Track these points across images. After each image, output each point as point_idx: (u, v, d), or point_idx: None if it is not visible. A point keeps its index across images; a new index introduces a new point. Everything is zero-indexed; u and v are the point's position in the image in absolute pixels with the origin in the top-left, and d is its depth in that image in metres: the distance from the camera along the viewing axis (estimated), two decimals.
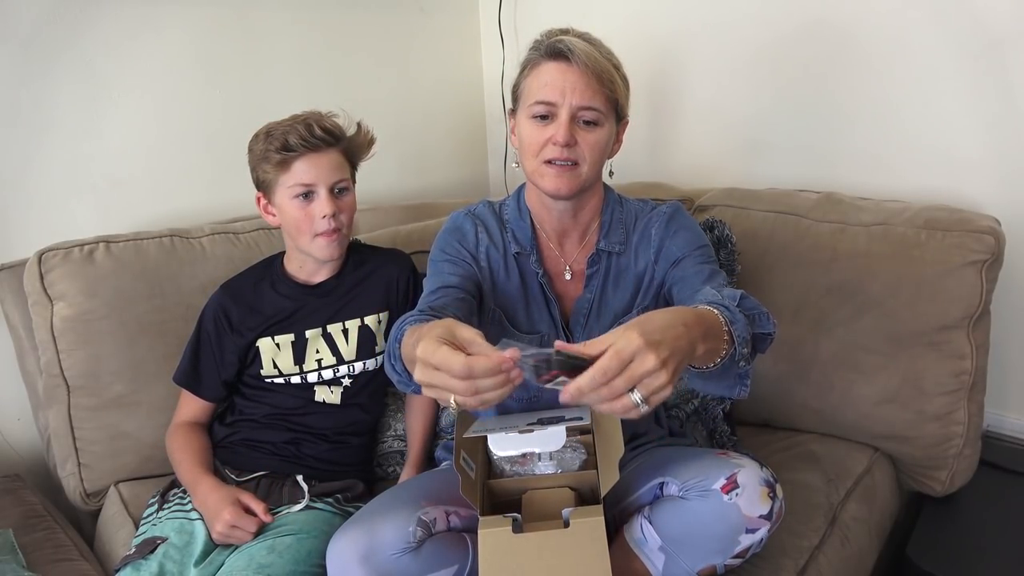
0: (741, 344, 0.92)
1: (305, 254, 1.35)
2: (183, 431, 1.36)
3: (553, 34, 1.15)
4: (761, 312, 1.01)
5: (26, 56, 1.42)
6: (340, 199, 1.33)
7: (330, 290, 1.39)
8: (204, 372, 1.36)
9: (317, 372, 1.37)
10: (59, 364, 1.35)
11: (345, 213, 1.33)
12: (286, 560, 1.13)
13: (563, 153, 1.12)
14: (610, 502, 1.10)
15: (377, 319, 1.40)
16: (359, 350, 1.39)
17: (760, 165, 1.79)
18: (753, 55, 1.74)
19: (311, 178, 1.29)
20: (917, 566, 1.32)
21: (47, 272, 1.35)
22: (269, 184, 1.31)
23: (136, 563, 1.15)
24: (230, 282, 1.40)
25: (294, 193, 1.29)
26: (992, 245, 1.33)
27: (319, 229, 1.30)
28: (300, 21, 1.78)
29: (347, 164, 1.35)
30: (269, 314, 1.36)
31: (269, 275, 1.41)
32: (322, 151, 1.30)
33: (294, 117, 1.32)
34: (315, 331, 1.37)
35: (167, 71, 1.59)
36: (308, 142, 1.28)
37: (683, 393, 1.54)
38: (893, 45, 1.54)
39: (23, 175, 1.46)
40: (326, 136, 1.30)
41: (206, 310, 1.37)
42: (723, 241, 1.52)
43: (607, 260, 1.23)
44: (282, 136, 1.27)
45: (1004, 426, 1.60)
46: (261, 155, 1.29)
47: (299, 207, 1.30)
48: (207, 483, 1.25)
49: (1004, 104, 1.45)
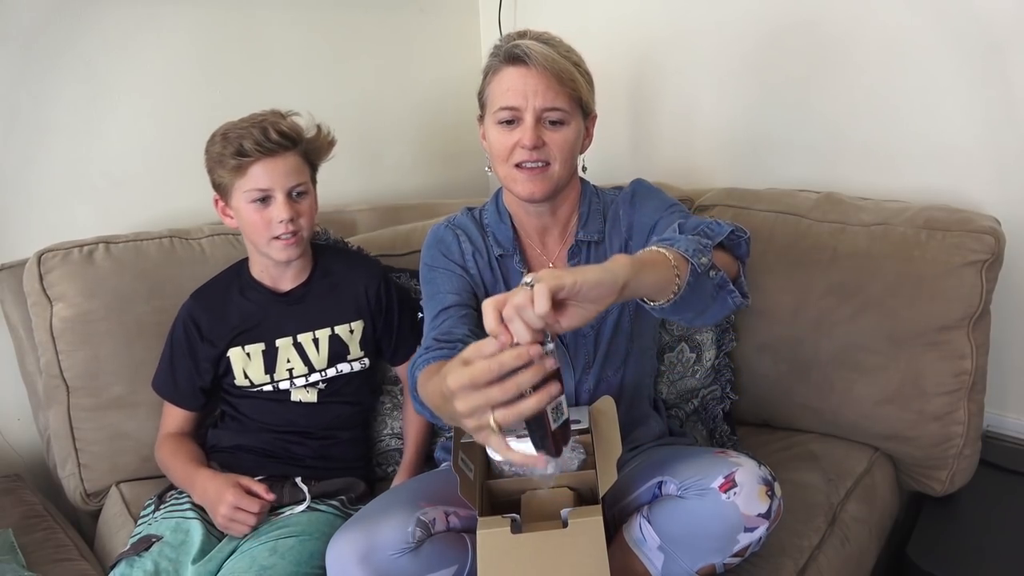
0: (695, 255, 0.89)
1: (264, 255, 1.34)
2: (170, 440, 1.36)
3: (511, 38, 1.16)
4: (707, 223, 0.99)
5: (26, 56, 1.43)
6: (298, 202, 1.30)
7: (299, 299, 1.38)
8: (181, 381, 1.36)
9: (289, 380, 1.36)
10: (58, 365, 1.35)
11: (304, 217, 1.31)
12: (288, 561, 1.13)
13: (532, 155, 1.13)
14: (609, 502, 1.10)
15: (348, 329, 1.39)
16: (331, 358, 1.38)
17: (760, 165, 1.79)
18: (753, 55, 1.74)
19: (267, 183, 1.26)
20: (917, 566, 1.32)
21: (46, 273, 1.35)
22: (225, 188, 1.29)
23: (131, 559, 1.16)
24: (200, 290, 1.39)
25: (250, 198, 1.27)
26: (992, 245, 1.33)
27: (276, 233, 1.28)
28: (300, 21, 1.78)
29: (306, 166, 1.32)
30: (236, 323, 1.35)
31: (238, 280, 1.39)
32: (279, 155, 1.27)
33: (252, 118, 1.29)
34: (285, 340, 1.36)
35: (167, 71, 1.59)
36: (263, 147, 1.25)
37: (683, 393, 1.54)
38: (893, 44, 1.54)
39: (23, 175, 1.46)
40: (282, 140, 1.27)
41: (177, 319, 1.37)
42: None
43: (587, 250, 1.24)
44: (237, 140, 1.24)
45: (1004, 426, 1.60)
46: (217, 159, 1.27)
47: (256, 211, 1.27)
48: (203, 474, 1.26)
49: (1004, 104, 1.45)
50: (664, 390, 1.54)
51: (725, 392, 1.54)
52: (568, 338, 1.23)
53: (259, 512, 1.20)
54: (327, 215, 1.61)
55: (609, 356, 1.25)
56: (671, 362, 1.54)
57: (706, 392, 1.54)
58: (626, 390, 1.27)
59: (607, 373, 1.26)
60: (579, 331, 1.23)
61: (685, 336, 1.54)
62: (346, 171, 1.91)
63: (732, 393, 1.55)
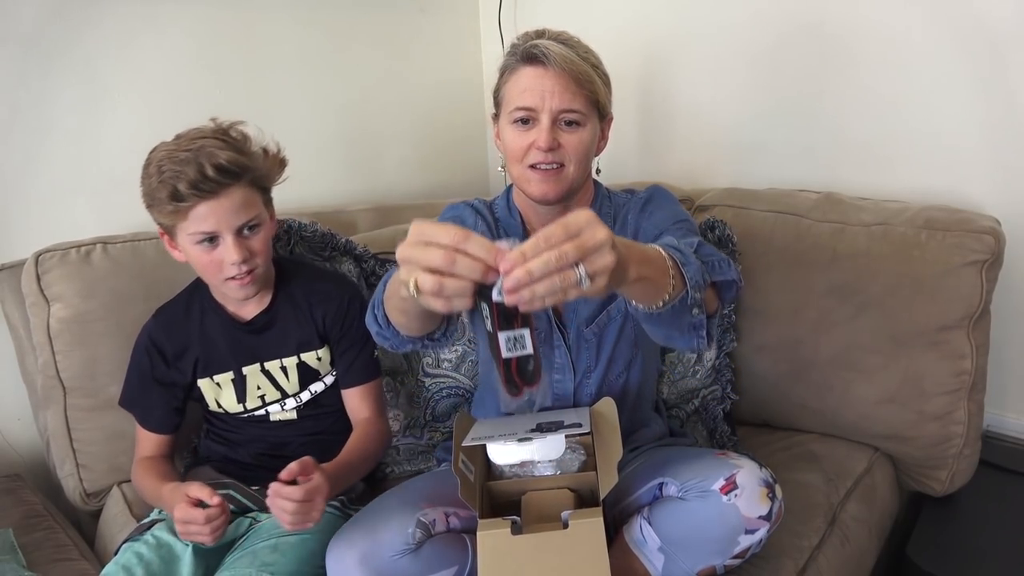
0: (694, 288, 0.89)
1: (222, 292, 1.26)
2: (143, 464, 1.29)
3: (529, 37, 1.14)
4: (720, 259, 0.99)
5: (26, 56, 1.42)
6: (250, 238, 1.18)
7: (263, 327, 1.30)
8: (152, 405, 1.30)
9: (263, 408, 1.31)
10: (55, 365, 1.35)
11: (259, 254, 1.20)
12: (289, 559, 1.12)
13: (547, 157, 1.12)
14: (609, 503, 1.11)
15: (315, 356, 1.32)
16: (302, 383, 1.32)
17: (760, 165, 1.78)
18: (753, 55, 1.74)
19: (211, 226, 1.14)
20: (917, 566, 1.32)
21: (44, 273, 1.34)
22: (167, 227, 1.18)
23: (137, 538, 1.17)
24: (161, 313, 1.31)
25: (196, 240, 1.16)
26: (992, 245, 1.33)
27: (229, 275, 1.18)
28: (300, 21, 1.78)
29: (256, 194, 1.20)
30: (199, 351, 1.29)
31: (199, 302, 1.31)
32: (221, 193, 1.13)
33: (189, 141, 1.14)
34: (253, 367, 1.30)
35: (167, 72, 1.59)
36: (200, 189, 1.11)
37: (683, 393, 1.54)
38: (894, 45, 1.54)
39: (23, 175, 1.46)
40: (222, 178, 1.12)
41: (140, 343, 1.30)
42: (724, 241, 1.52)
43: None
44: (171, 183, 1.11)
45: (1004, 426, 1.60)
46: (152, 198, 1.15)
47: (204, 252, 1.17)
48: (166, 489, 1.16)
49: (1004, 104, 1.45)
50: (665, 390, 1.54)
51: (726, 392, 1.54)
52: (571, 342, 1.23)
53: (206, 520, 1.06)
54: (327, 215, 1.61)
55: (613, 361, 1.25)
56: (672, 362, 1.54)
57: (707, 392, 1.54)
58: (629, 394, 1.27)
59: (610, 377, 1.25)
60: (581, 335, 1.23)
61: None
62: (346, 171, 1.92)
63: (732, 393, 1.55)
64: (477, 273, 0.68)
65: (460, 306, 0.71)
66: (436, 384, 1.51)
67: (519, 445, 1.01)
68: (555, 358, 1.24)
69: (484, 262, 0.68)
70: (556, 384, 1.25)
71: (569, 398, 1.25)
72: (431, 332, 1.03)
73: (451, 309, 0.72)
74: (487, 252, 0.68)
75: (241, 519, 1.24)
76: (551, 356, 1.24)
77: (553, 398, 1.26)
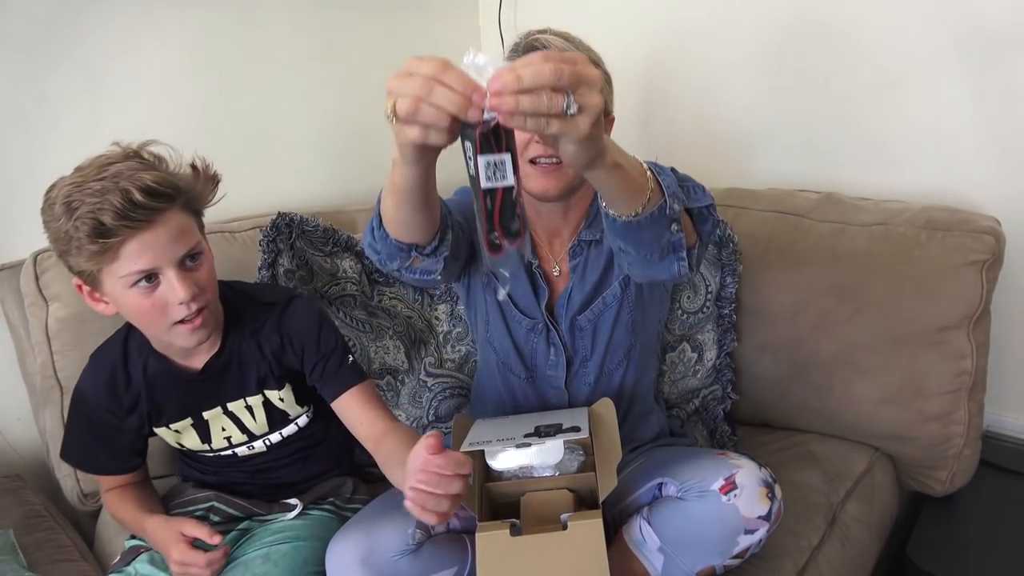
0: (671, 197, 0.88)
1: (165, 342, 1.08)
2: (115, 494, 1.19)
3: (531, 34, 1.14)
4: (695, 184, 0.98)
5: (26, 56, 1.42)
6: (195, 269, 1.02)
7: (217, 371, 1.14)
8: (104, 458, 1.17)
9: (230, 449, 1.20)
10: (53, 365, 1.35)
11: (208, 289, 1.04)
12: (282, 569, 1.10)
13: (547, 151, 1.11)
14: (609, 503, 1.11)
15: (278, 396, 1.18)
16: (271, 423, 1.20)
17: (760, 165, 1.78)
18: (753, 55, 1.74)
19: (149, 262, 0.96)
20: (917, 566, 1.32)
21: (42, 273, 1.34)
22: (90, 274, 0.98)
23: (120, 570, 1.14)
24: (96, 365, 1.15)
25: (131, 282, 0.97)
26: (992, 245, 1.32)
27: (176, 317, 1.00)
28: (299, 21, 1.78)
29: (191, 220, 1.03)
30: (148, 407, 1.13)
31: (138, 354, 1.13)
32: (155, 222, 0.96)
33: (99, 169, 0.96)
34: (214, 411, 1.16)
35: (167, 72, 1.59)
36: (131, 219, 0.93)
37: (684, 393, 1.54)
38: (894, 45, 1.54)
39: (23, 175, 1.46)
40: (154, 202, 0.95)
41: (77, 400, 1.15)
42: (725, 241, 1.52)
43: (588, 249, 1.23)
44: (92, 219, 0.92)
45: (1004, 426, 1.60)
46: (66, 240, 0.94)
47: (142, 295, 0.98)
48: (152, 524, 1.10)
49: (1005, 104, 1.45)
50: (665, 390, 1.54)
51: (726, 392, 1.54)
52: (564, 330, 1.23)
53: (207, 564, 1.03)
54: (327, 215, 1.61)
55: (611, 350, 1.24)
56: (672, 362, 1.54)
57: (707, 392, 1.54)
58: (627, 385, 1.27)
59: (609, 366, 1.25)
60: (576, 324, 1.23)
61: (687, 336, 1.54)
62: (346, 171, 1.92)
63: (733, 393, 1.55)
64: (452, 104, 0.66)
65: (436, 139, 0.69)
66: (439, 384, 1.51)
67: (517, 451, 1.02)
68: (550, 355, 1.24)
69: (461, 94, 0.66)
70: (552, 378, 1.25)
71: (565, 390, 1.25)
72: (420, 243, 0.99)
73: (426, 140, 0.69)
74: (464, 85, 0.66)
75: (232, 533, 1.20)
76: (545, 350, 1.23)
77: (550, 390, 1.25)
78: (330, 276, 1.47)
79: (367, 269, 1.51)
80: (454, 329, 1.54)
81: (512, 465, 1.03)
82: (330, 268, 1.48)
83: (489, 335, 1.26)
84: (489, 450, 1.03)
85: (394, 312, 1.52)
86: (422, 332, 1.53)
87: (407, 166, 0.79)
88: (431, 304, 1.54)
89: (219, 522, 1.21)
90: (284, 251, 1.43)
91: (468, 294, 1.29)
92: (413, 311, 1.53)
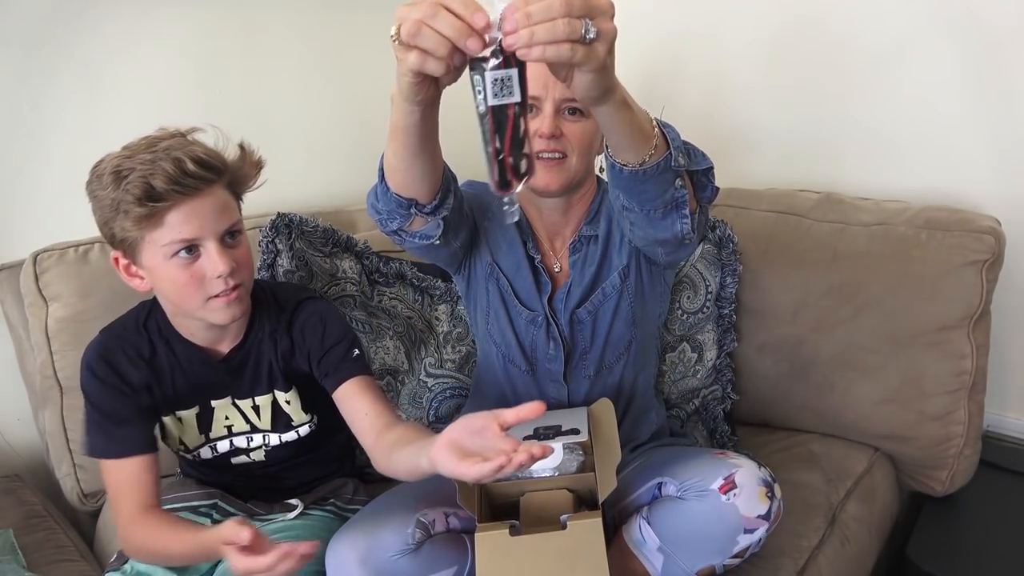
0: (676, 151, 0.89)
1: (197, 320, 1.07)
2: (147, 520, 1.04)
3: None
4: (695, 148, 0.97)
5: (26, 56, 1.42)
6: (234, 247, 1.03)
7: (241, 363, 1.14)
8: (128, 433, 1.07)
9: (228, 439, 1.17)
10: (52, 365, 1.35)
11: (243, 265, 1.04)
12: None
13: (550, 145, 1.11)
14: (608, 503, 1.10)
15: (285, 399, 1.17)
16: (274, 424, 1.19)
17: (760, 165, 1.78)
18: (754, 56, 1.74)
19: (193, 231, 0.98)
20: (917, 566, 1.32)
21: (42, 273, 1.35)
22: (132, 243, 0.99)
23: (117, 569, 1.13)
24: (111, 337, 1.12)
25: (172, 251, 0.98)
26: (992, 245, 1.33)
27: (213, 291, 1.01)
28: (299, 22, 1.77)
29: (232, 200, 1.05)
30: (163, 392, 1.11)
31: (159, 335, 1.11)
32: (202, 193, 0.98)
33: (149, 145, 0.99)
34: (223, 401, 1.16)
35: (166, 71, 1.59)
36: (181, 185, 0.95)
37: (684, 393, 1.54)
38: (894, 45, 1.54)
39: (22, 175, 1.46)
40: (204, 172, 0.98)
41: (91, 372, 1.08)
42: (725, 241, 1.52)
43: (588, 245, 1.23)
44: (142, 181, 0.94)
45: (1004, 426, 1.60)
46: (114, 206, 0.96)
47: (181, 267, 0.99)
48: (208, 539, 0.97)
49: (1005, 104, 1.45)
50: (665, 390, 1.54)
51: (726, 392, 1.54)
52: (563, 324, 1.23)
53: (269, 552, 0.90)
54: (327, 215, 1.60)
55: (610, 343, 1.24)
56: (672, 362, 1.54)
57: (707, 392, 1.54)
58: (627, 380, 1.27)
59: (608, 360, 1.25)
60: (575, 317, 1.23)
61: (687, 336, 1.54)
62: (346, 171, 1.91)
63: (733, 393, 1.55)
64: (452, 29, 0.65)
65: (433, 68, 0.69)
66: (439, 384, 1.51)
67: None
68: (549, 348, 1.24)
69: (463, 19, 0.65)
70: (551, 371, 1.25)
71: (564, 383, 1.25)
72: (420, 200, 0.98)
73: (423, 67, 0.69)
74: (466, 8, 0.65)
75: None
76: (544, 343, 1.24)
77: (549, 383, 1.25)
78: (330, 276, 1.47)
79: (367, 269, 1.51)
80: (454, 329, 1.54)
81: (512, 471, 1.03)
82: (330, 268, 1.47)
83: (490, 327, 1.26)
84: None
85: (394, 312, 1.51)
86: (422, 332, 1.53)
87: (405, 102, 0.79)
88: (431, 304, 1.54)
89: (221, 520, 1.21)
90: (283, 251, 1.43)
91: (468, 288, 1.29)
92: (413, 311, 1.52)
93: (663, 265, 1.22)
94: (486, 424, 0.82)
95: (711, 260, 1.52)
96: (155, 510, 1.06)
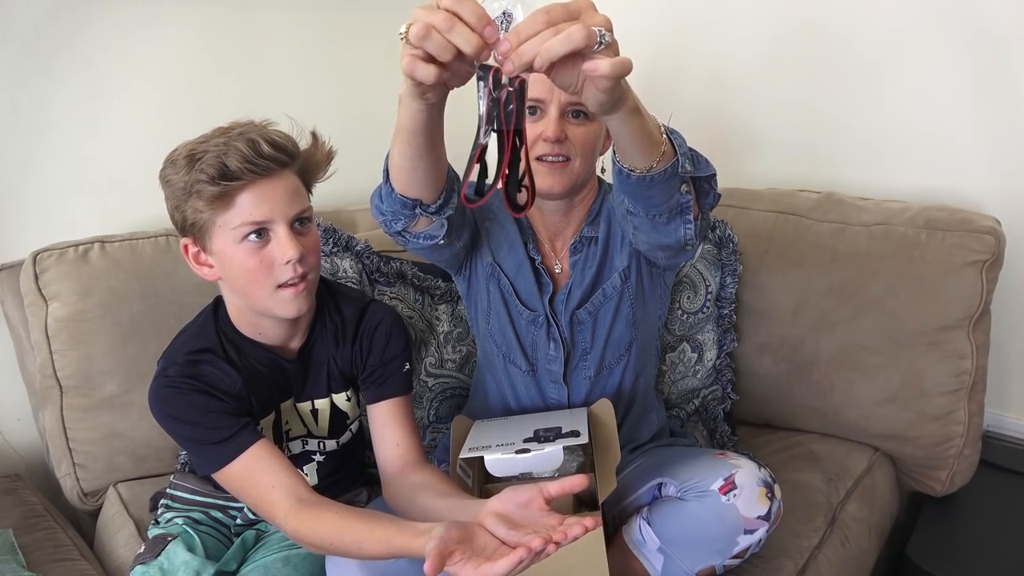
0: (683, 157, 0.89)
1: (261, 314, 1.05)
2: (317, 513, 0.95)
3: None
4: (699, 154, 0.97)
5: (26, 56, 1.42)
6: (304, 234, 1.03)
7: (304, 364, 1.12)
8: (231, 429, 1.01)
9: (284, 445, 1.16)
10: (52, 365, 1.35)
11: (312, 254, 1.03)
12: (302, 573, 1.10)
13: (554, 149, 1.11)
14: (608, 503, 1.11)
15: (345, 397, 1.17)
16: (331, 429, 1.18)
17: (760, 165, 1.78)
18: (753, 54, 1.74)
19: (264, 213, 0.97)
20: (917, 566, 1.32)
21: (42, 272, 1.34)
22: (202, 226, 0.98)
23: (148, 562, 1.12)
24: (191, 349, 1.06)
25: (242, 235, 0.97)
26: (992, 245, 1.33)
27: (282, 278, 1.00)
28: (300, 21, 1.77)
29: (303, 188, 1.05)
30: (255, 396, 1.07)
31: (226, 337, 1.08)
32: (274, 175, 0.98)
33: (223, 131, 0.99)
34: (287, 403, 1.15)
35: (166, 71, 1.59)
36: (256, 165, 0.95)
37: (684, 393, 1.54)
38: (894, 45, 1.54)
39: (23, 175, 1.46)
40: (278, 155, 0.98)
41: (172, 399, 1.02)
42: (725, 241, 1.52)
43: (589, 246, 1.23)
44: (217, 161, 0.94)
45: (1004, 426, 1.60)
46: (187, 189, 0.96)
47: (251, 252, 0.98)
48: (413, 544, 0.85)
49: (1005, 104, 1.45)
50: (665, 390, 1.54)
51: (726, 392, 1.54)
52: (564, 325, 1.23)
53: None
54: (327, 215, 1.61)
55: (610, 344, 1.24)
56: (672, 362, 1.54)
57: (707, 392, 1.54)
58: (627, 382, 1.27)
59: (608, 361, 1.25)
60: (576, 318, 1.23)
61: (687, 336, 1.54)
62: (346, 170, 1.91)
63: (733, 393, 1.55)
64: (467, 44, 0.65)
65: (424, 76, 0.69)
66: (440, 384, 1.51)
67: (517, 457, 1.02)
68: (549, 349, 1.24)
69: (476, 32, 0.65)
70: (551, 372, 1.25)
71: (564, 384, 1.25)
72: (425, 200, 0.97)
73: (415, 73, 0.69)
74: (478, 20, 0.65)
75: (247, 532, 1.20)
76: (544, 343, 1.24)
77: (549, 383, 1.25)
78: (330, 276, 1.47)
79: (367, 269, 1.51)
80: (455, 330, 1.54)
81: (511, 472, 1.03)
82: (330, 268, 1.47)
83: (490, 327, 1.26)
84: (488, 456, 1.03)
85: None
86: (423, 332, 1.53)
87: (412, 99, 0.79)
88: (432, 304, 1.54)
89: (240, 525, 1.21)
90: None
91: (469, 288, 1.29)
92: (413, 311, 1.52)
93: (663, 267, 1.22)
94: (531, 497, 0.84)
95: (711, 260, 1.52)
96: (314, 501, 0.96)
